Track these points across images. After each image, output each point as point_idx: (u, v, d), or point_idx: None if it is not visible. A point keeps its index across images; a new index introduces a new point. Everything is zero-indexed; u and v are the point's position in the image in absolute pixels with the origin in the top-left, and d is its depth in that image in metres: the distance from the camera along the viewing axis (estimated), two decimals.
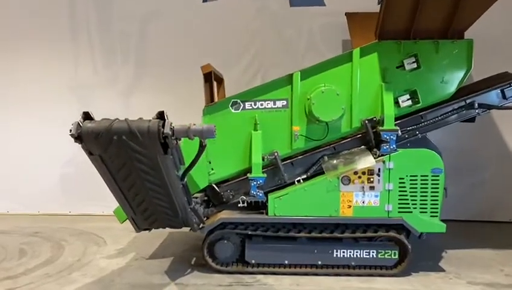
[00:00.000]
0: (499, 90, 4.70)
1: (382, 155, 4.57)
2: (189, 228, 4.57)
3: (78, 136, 3.53)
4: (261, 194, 4.67)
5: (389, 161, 4.55)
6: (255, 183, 4.64)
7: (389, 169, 4.55)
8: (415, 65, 4.56)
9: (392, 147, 4.55)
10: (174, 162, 3.78)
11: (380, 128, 4.55)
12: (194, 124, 3.61)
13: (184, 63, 6.70)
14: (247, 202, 4.71)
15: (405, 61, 4.57)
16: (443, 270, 4.77)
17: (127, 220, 4.89)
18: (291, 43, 6.80)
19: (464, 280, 4.54)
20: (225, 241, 4.69)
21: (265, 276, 4.61)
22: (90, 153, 3.70)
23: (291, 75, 4.66)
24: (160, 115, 3.55)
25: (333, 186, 4.60)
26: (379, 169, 4.56)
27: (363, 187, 4.59)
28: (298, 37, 6.81)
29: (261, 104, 4.72)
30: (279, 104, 4.71)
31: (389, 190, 4.57)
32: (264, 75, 6.70)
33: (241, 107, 4.72)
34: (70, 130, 3.51)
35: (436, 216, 4.62)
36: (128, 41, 7.00)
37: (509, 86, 4.69)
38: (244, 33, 6.83)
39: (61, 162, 7.20)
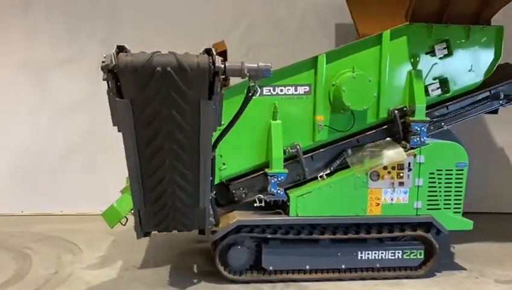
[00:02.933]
0: None
1: (412, 148, 4.22)
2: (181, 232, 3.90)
3: (111, 70, 2.90)
4: (282, 193, 4.12)
5: (420, 154, 4.21)
6: (275, 180, 4.07)
7: (420, 163, 4.22)
8: (446, 51, 4.25)
9: (422, 140, 4.21)
10: (214, 118, 3.27)
11: (410, 118, 4.19)
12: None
13: (164, 40, 5.78)
14: (264, 201, 4.15)
15: (436, 47, 4.24)
16: (464, 269, 4.54)
17: (118, 224, 4.15)
18: (282, 23, 6.24)
19: (490, 278, 4.35)
20: (239, 247, 4.10)
21: (286, 284, 4.11)
22: (119, 96, 3.02)
23: (315, 58, 4.12)
24: (208, 52, 3.05)
25: (361, 182, 4.18)
26: (409, 163, 4.21)
27: (392, 183, 4.21)
28: (290, 17, 6.26)
29: (281, 90, 4.14)
30: (300, 90, 4.16)
31: (418, 186, 4.24)
32: (255, 54, 6.08)
33: (259, 92, 4.10)
34: (103, 62, 2.88)
35: (459, 212, 4.38)
36: (96, 9, 6.00)
37: None
38: (233, 10, 6.14)
39: (11, 152, 6.09)
